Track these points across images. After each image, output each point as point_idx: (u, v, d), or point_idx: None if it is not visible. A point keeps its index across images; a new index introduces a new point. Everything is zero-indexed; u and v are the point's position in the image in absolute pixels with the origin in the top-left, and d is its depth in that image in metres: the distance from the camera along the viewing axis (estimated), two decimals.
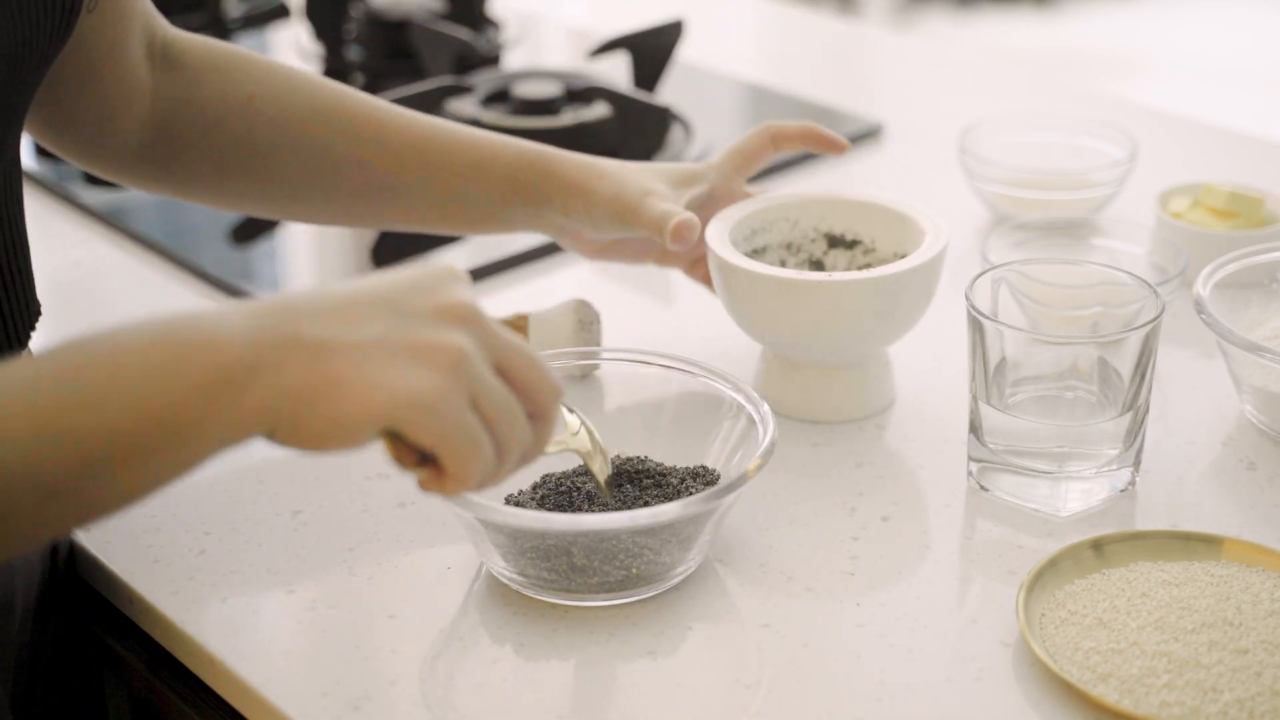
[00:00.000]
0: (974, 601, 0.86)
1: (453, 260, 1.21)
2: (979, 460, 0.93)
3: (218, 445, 0.65)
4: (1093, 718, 0.76)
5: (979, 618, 0.84)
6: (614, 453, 0.92)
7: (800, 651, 0.81)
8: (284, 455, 0.75)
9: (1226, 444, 0.98)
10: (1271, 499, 0.93)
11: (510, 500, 0.88)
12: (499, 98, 1.40)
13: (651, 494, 0.88)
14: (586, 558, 0.81)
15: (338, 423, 0.65)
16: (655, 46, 1.46)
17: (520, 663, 0.81)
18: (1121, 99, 1.54)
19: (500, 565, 0.84)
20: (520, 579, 0.84)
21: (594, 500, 0.87)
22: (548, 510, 0.87)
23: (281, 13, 1.71)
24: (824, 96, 1.51)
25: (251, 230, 1.27)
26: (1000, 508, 0.92)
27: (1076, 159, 1.27)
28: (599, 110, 1.37)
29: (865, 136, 1.42)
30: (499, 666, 0.81)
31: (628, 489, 0.89)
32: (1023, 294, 0.96)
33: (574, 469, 0.90)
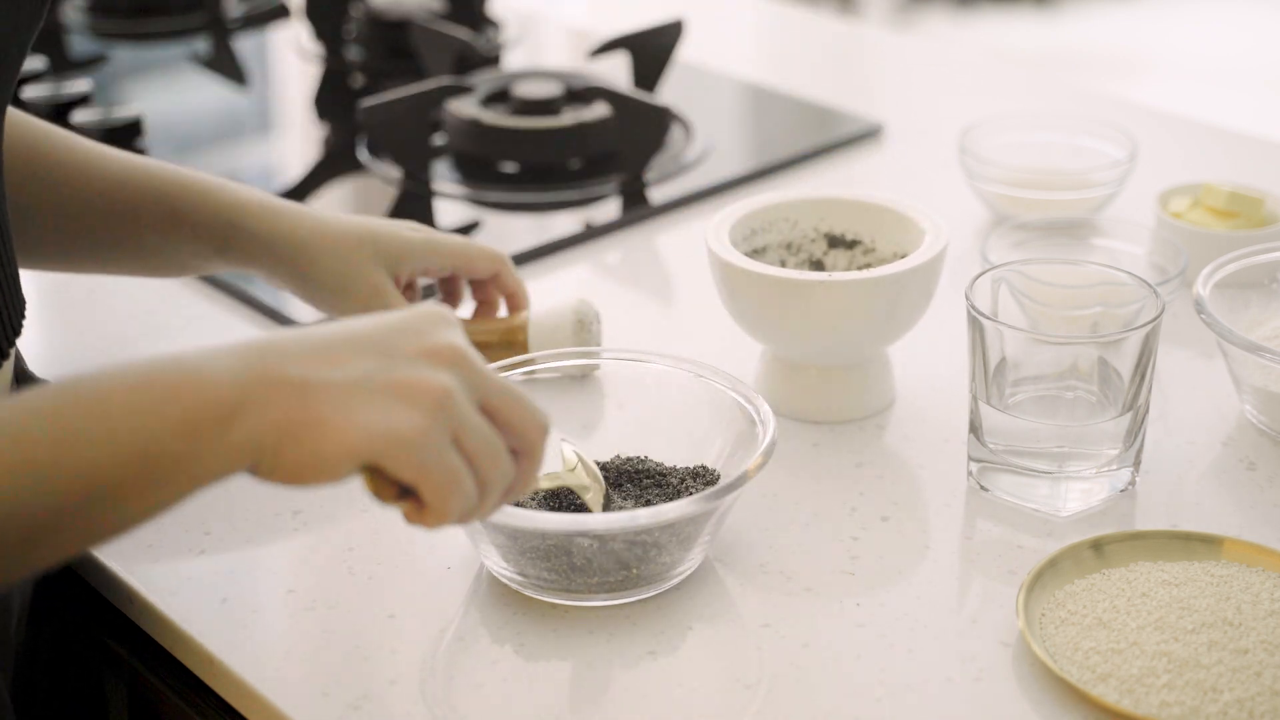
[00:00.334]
0: (974, 601, 0.86)
1: None
2: (979, 460, 0.93)
3: (201, 482, 0.65)
4: (1093, 718, 0.76)
5: (979, 618, 0.84)
6: (614, 453, 0.92)
7: (800, 651, 0.81)
8: None
9: (1226, 444, 0.98)
10: (1271, 499, 0.93)
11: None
12: (499, 98, 1.40)
13: (652, 494, 0.88)
14: (586, 558, 0.81)
15: (318, 458, 0.65)
16: (655, 46, 1.46)
17: (520, 663, 0.81)
18: (1121, 99, 1.54)
19: (500, 565, 0.84)
20: (520, 579, 0.84)
21: None
22: (548, 510, 0.87)
23: (281, 13, 1.71)
24: (824, 96, 1.51)
25: None
26: (1000, 508, 0.92)
27: (1076, 159, 1.27)
28: (599, 110, 1.37)
29: (865, 136, 1.42)
30: (499, 666, 0.81)
31: (628, 489, 0.89)
32: (1023, 294, 0.96)
33: None
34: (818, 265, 1.06)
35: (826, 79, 1.61)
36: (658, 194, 1.31)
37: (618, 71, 1.51)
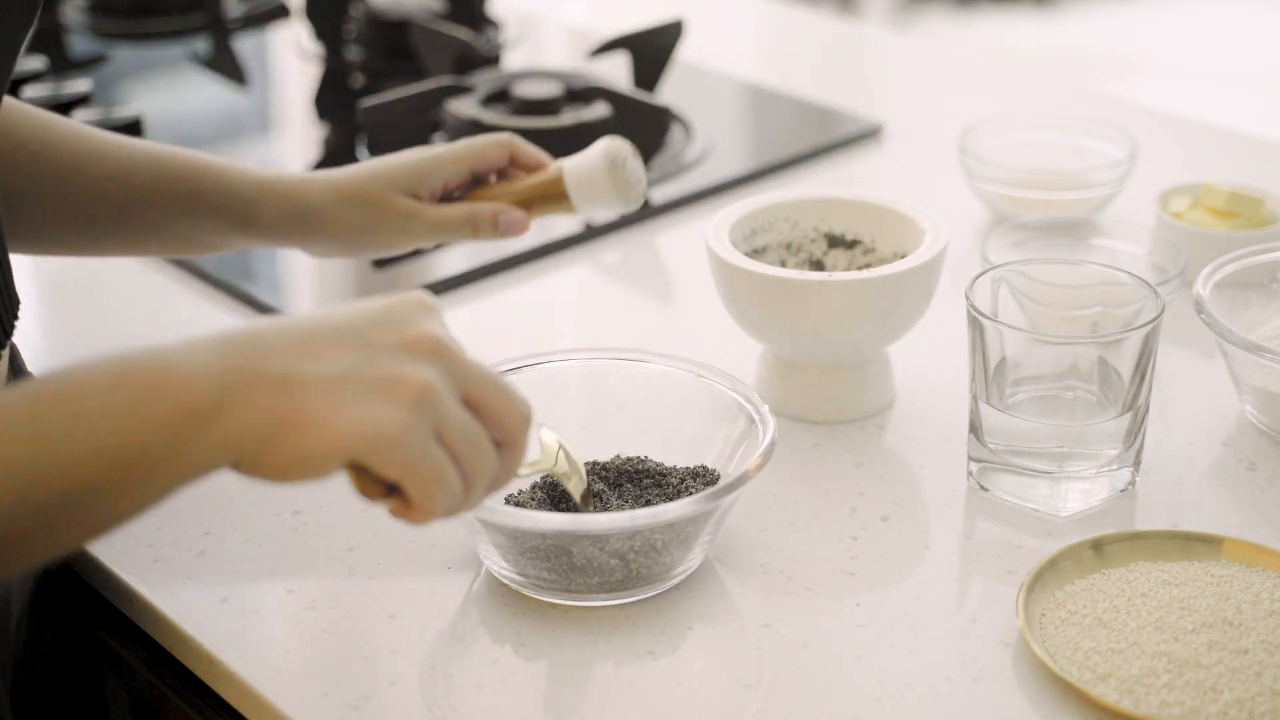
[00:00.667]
0: (974, 601, 0.86)
1: (448, 263, 1.21)
2: (979, 460, 0.93)
3: (183, 480, 0.65)
4: (1093, 718, 0.76)
5: (979, 618, 0.84)
6: (614, 453, 0.92)
7: (800, 651, 0.81)
8: None
9: (1226, 444, 0.98)
10: (1271, 499, 0.93)
11: (510, 500, 0.88)
12: (499, 98, 1.40)
13: (652, 494, 0.88)
14: (586, 558, 0.81)
15: (301, 457, 0.65)
16: (655, 46, 1.46)
17: (520, 663, 0.81)
18: (1121, 99, 1.54)
19: (500, 565, 0.84)
20: (520, 579, 0.84)
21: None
22: (548, 510, 0.87)
23: (281, 13, 1.71)
24: (824, 96, 1.51)
25: None
26: (1000, 508, 0.92)
27: (1076, 159, 1.27)
28: (599, 110, 1.37)
29: (865, 136, 1.42)
30: (499, 666, 0.81)
31: (628, 489, 0.89)
32: (1023, 294, 0.96)
33: None
34: (818, 265, 1.06)
35: (826, 79, 1.61)
36: (658, 194, 1.31)
37: (618, 71, 1.51)
